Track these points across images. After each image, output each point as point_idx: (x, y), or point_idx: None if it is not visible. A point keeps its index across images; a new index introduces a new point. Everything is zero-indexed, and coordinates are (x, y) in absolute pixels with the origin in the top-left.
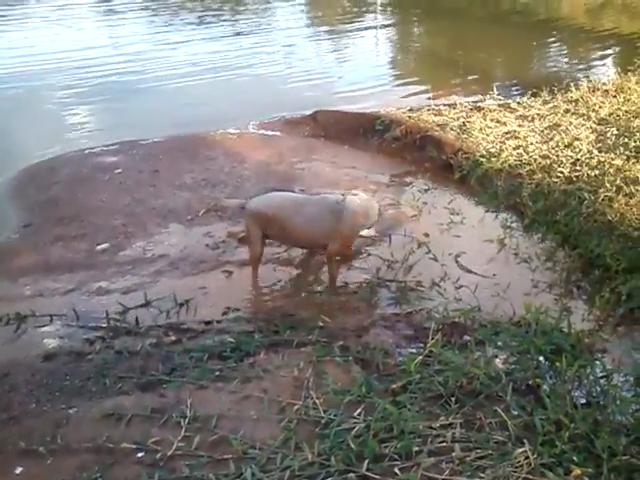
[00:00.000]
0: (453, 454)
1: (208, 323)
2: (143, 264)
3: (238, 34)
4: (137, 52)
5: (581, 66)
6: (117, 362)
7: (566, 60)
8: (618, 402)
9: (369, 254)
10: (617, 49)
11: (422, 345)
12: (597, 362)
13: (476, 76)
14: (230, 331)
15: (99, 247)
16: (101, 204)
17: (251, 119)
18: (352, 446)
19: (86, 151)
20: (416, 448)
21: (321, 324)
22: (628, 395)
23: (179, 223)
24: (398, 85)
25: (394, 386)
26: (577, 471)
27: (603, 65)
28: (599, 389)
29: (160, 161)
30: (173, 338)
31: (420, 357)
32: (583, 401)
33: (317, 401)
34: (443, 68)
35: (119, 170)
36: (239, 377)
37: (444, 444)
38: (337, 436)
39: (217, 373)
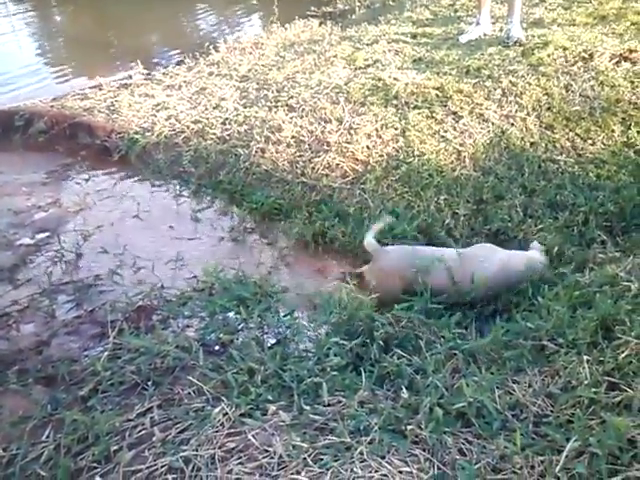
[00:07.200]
0: (154, 438)
1: None
2: None
3: None
4: None
5: (223, 28)
6: None
7: (210, 25)
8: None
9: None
10: (256, 9)
11: (111, 340)
12: (279, 303)
13: (123, 54)
14: None
15: None
16: None
17: None
18: (43, 474)
19: None
20: (115, 447)
21: None
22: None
23: None
24: (44, 75)
25: (82, 392)
26: (272, 408)
27: (244, 25)
28: (285, 326)
29: None
30: None
31: (106, 353)
32: (274, 341)
33: None
34: (89, 51)
35: None
36: None
37: (144, 432)
38: (24, 470)
39: None
